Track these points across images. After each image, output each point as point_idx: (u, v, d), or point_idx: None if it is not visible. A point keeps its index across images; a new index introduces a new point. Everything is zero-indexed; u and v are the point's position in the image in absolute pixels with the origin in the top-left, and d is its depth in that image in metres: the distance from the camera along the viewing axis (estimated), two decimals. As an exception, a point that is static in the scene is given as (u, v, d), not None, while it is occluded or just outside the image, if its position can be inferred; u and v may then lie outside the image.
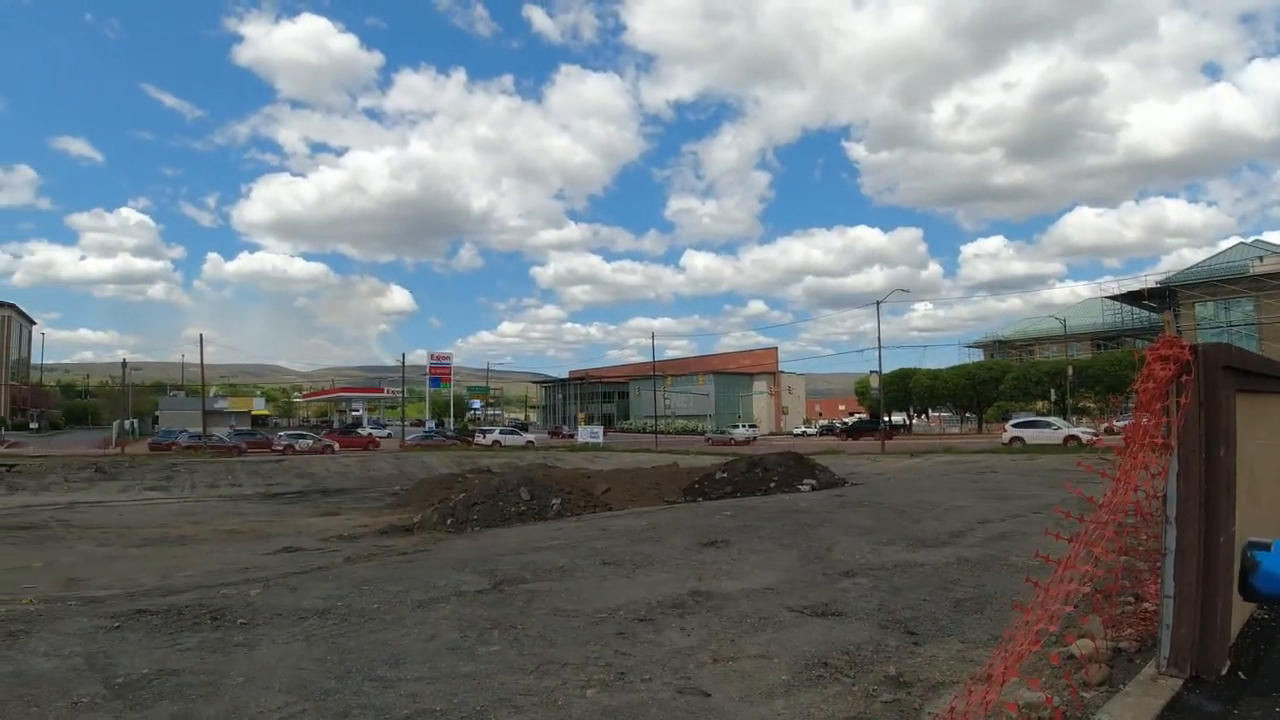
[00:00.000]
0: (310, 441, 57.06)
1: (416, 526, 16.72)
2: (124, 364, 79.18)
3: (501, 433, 69.38)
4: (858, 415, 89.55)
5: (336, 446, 57.15)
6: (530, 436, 70.52)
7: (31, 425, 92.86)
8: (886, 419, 70.02)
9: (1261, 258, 63.40)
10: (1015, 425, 45.42)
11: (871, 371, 65.76)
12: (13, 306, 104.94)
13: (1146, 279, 72.71)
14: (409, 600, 7.92)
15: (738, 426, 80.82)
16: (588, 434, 68.58)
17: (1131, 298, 73.43)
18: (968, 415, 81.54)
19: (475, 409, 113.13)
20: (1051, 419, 47.18)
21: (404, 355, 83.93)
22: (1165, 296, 68.95)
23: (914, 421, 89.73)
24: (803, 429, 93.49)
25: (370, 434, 74.16)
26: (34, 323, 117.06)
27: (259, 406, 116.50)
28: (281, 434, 62.04)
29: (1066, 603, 2.97)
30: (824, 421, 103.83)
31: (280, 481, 35.24)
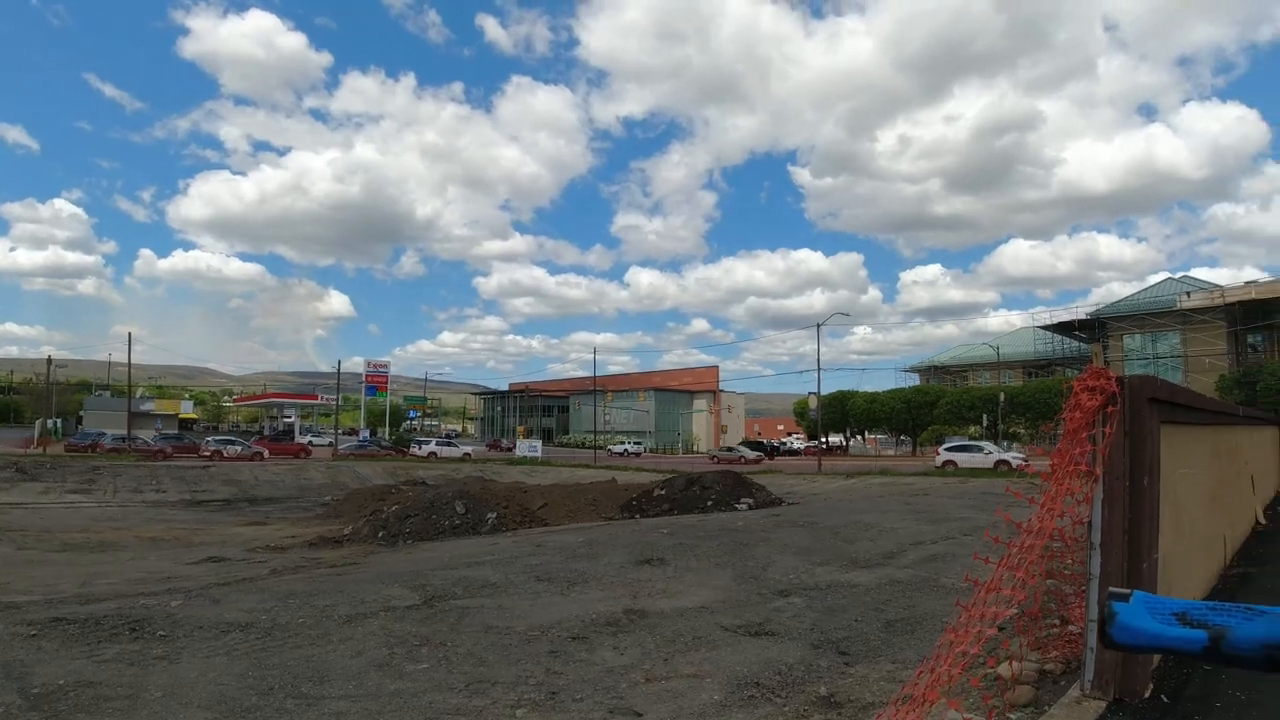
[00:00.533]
0: (239, 448, 55.44)
1: (347, 539, 16.37)
2: (49, 361, 76.26)
3: (438, 444, 68.47)
4: (747, 439, 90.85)
5: (266, 454, 55.67)
6: (468, 448, 69.65)
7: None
8: (824, 440, 70.96)
9: (1189, 293, 66.02)
10: (948, 449, 46.36)
11: (810, 393, 66.48)
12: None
13: (1077, 310, 75.24)
14: (336, 615, 7.74)
15: (733, 447, 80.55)
16: (526, 448, 67.93)
17: (1063, 328, 75.75)
18: (903, 438, 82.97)
19: (412, 419, 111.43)
20: (983, 444, 48.27)
21: (340, 362, 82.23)
22: (1095, 328, 71.31)
23: (851, 443, 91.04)
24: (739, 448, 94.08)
25: (303, 442, 72.54)
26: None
27: (187, 410, 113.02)
28: (210, 439, 60.14)
29: (989, 625, 3.01)
30: (762, 441, 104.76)
31: (207, 488, 34.28)
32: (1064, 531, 3.97)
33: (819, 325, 54.72)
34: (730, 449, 75.38)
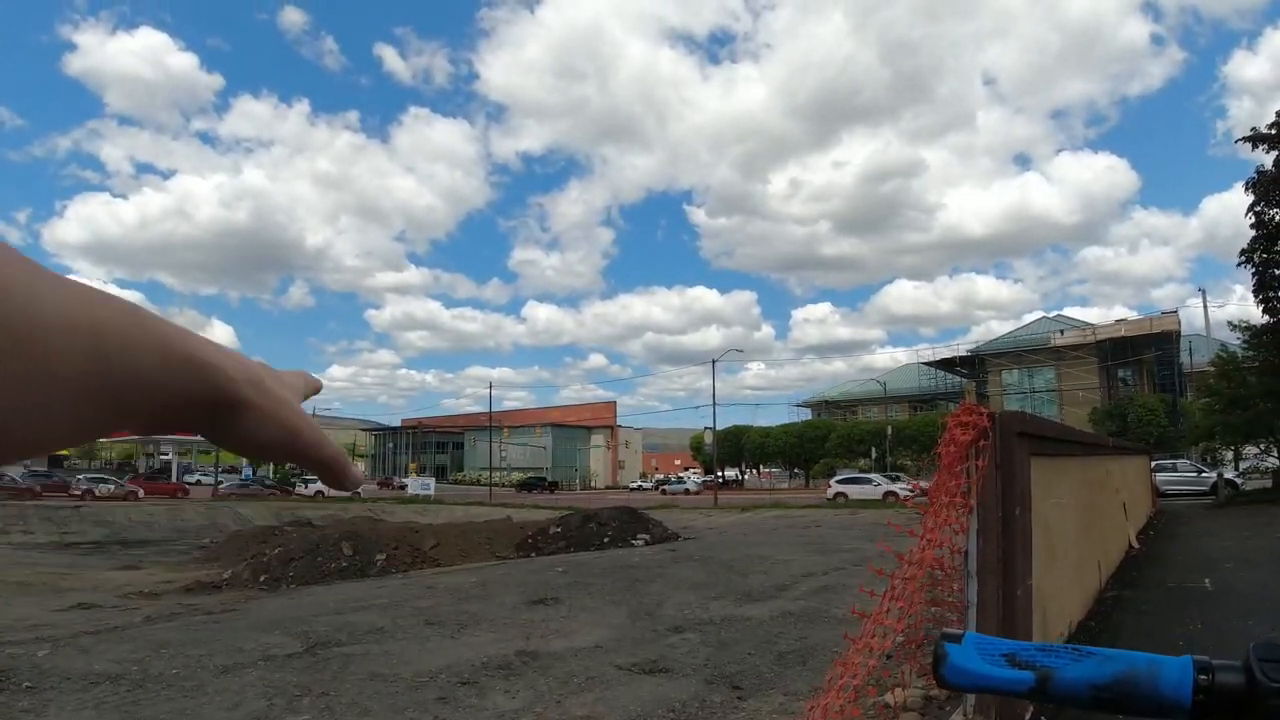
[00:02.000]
0: (112, 487, 52.22)
1: (226, 583, 15.55)
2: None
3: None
4: (531, 473, 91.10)
5: (141, 493, 52.52)
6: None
7: None
8: (720, 474, 71.82)
9: (1063, 331, 70.22)
10: (839, 481, 47.55)
11: (706, 428, 67.44)
12: None
13: (959, 347, 79.07)
14: (212, 665, 7.35)
15: (682, 476, 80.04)
16: (419, 485, 66.31)
17: (945, 364, 79.21)
18: (796, 471, 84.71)
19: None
20: (872, 476, 49.69)
21: (222, 398, 78.53)
22: (975, 364, 74.86)
23: (746, 477, 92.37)
24: (639, 484, 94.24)
25: (183, 480, 68.88)
26: None
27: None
28: (81, 477, 56.43)
29: (870, 656, 3.07)
30: (660, 476, 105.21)
31: (77, 530, 32.11)
32: (943, 561, 4.10)
33: (714, 361, 55.70)
34: (681, 478, 75.59)
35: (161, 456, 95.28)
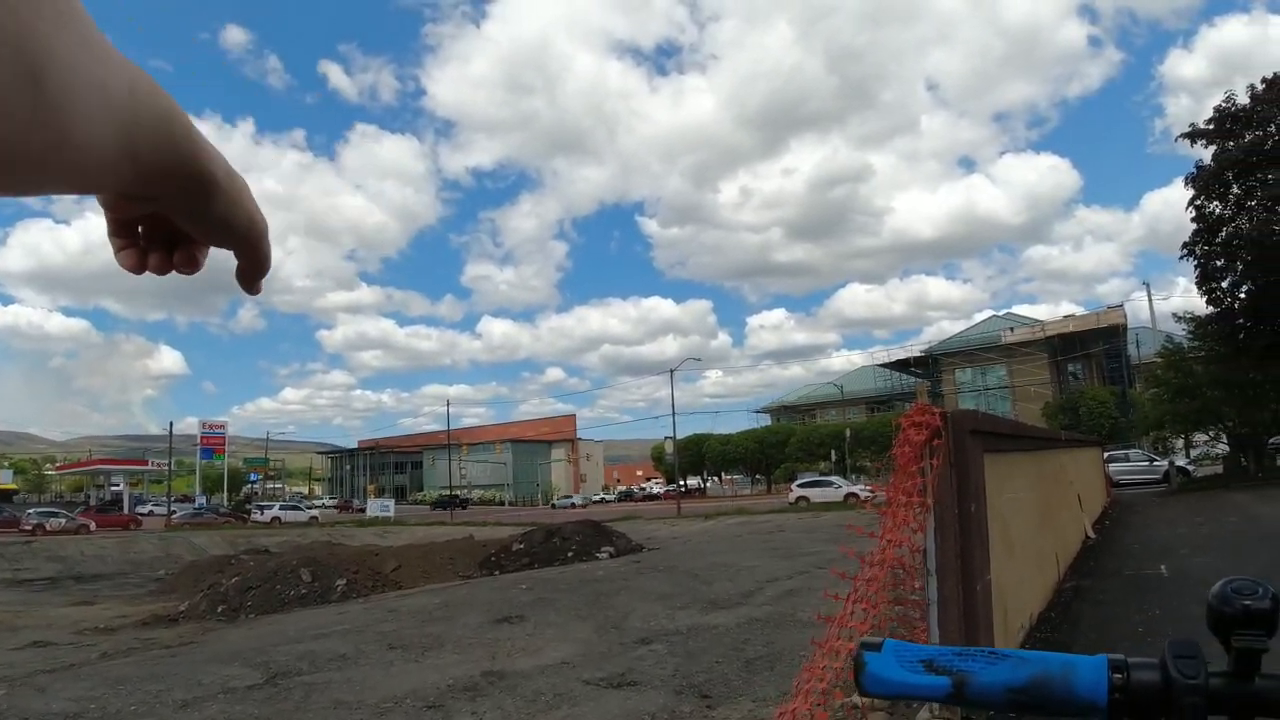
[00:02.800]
0: (63, 520, 50.73)
1: (183, 616, 15.19)
2: None
3: (282, 508, 64.77)
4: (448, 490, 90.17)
5: (93, 526, 51.12)
6: (314, 512, 66.20)
7: None
8: (682, 483, 71.96)
9: (1012, 329, 71.66)
10: (800, 485, 47.82)
11: (666, 437, 67.41)
12: None
13: (912, 348, 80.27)
14: (171, 700, 7.20)
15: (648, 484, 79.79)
16: (378, 507, 65.28)
17: (900, 365, 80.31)
18: (758, 477, 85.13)
19: (253, 482, 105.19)
20: (833, 478, 50.07)
21: (172, 424, 76.46)
22: (929, 364, 76.00)
23: (708, 484, 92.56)
24: (601, 495, 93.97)
25: (135, 511, 67.14)
26: None
27: (6, 480, 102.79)
28: (31, 511, 54.73)
29: (836, 659, 3.08)
30: (622, 488, 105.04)
31: (29, 566, 31.13)
32: (904, 560, 4.13)
33: (672, 371, 55.68)
34: (642, 487, 75.54)
35: (112, 488, 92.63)
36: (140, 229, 0.55)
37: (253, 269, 0.57)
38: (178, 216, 0.50)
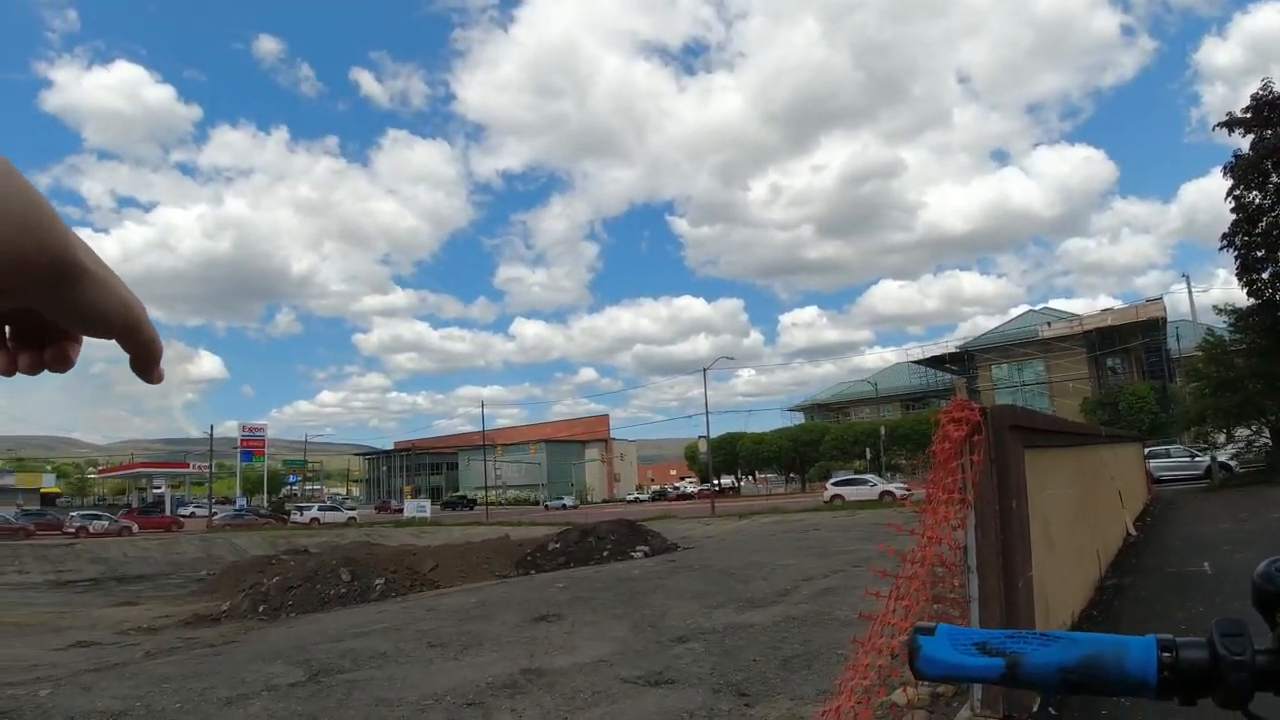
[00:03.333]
0: (106, 523, 51.94)
1: (225, 615, 15.47)
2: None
3: (320, 509, 65.68)
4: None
5: (135, 528, 52.22)
6: (352, 513, 67.07)
7: None
8: (716, 482, 71.88)
9: (1049, 323, 70.41)
10: (835, 483, 47.49)
11: (700, 437, 67.36)
12: None
13: (947, 344, 79.24)
14: (215, 698, 7.32)
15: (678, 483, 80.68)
16: (415, 508, 66.02)
17: (935, 362, 79.47)
18: (792, 475, 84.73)
19: (292, 484, 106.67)
20: (868, 476, 49.68)
21: (212, 427, 78.09)
22: (964, 360, 75.07)
23: (742, 483, 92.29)
24: (635, 495, 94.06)
25: (176, 513, 68.41)
26: None
27: (49, 483, 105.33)
28: (74, 514, 55.97)
29: (879, 656, 3.08)
30: (656, 487, 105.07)
31: (73, 568, 31.83)
32: (944, 557, 4.11)
33: (705, 370, 55.57)
34: (676, 487, 75.65)
35: (154, 491, 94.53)
36: (7, 328, 0.52)
37: (142, 356, 0.54)
38: (45, 309, 0.47)
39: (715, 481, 72.57)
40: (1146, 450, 26.62)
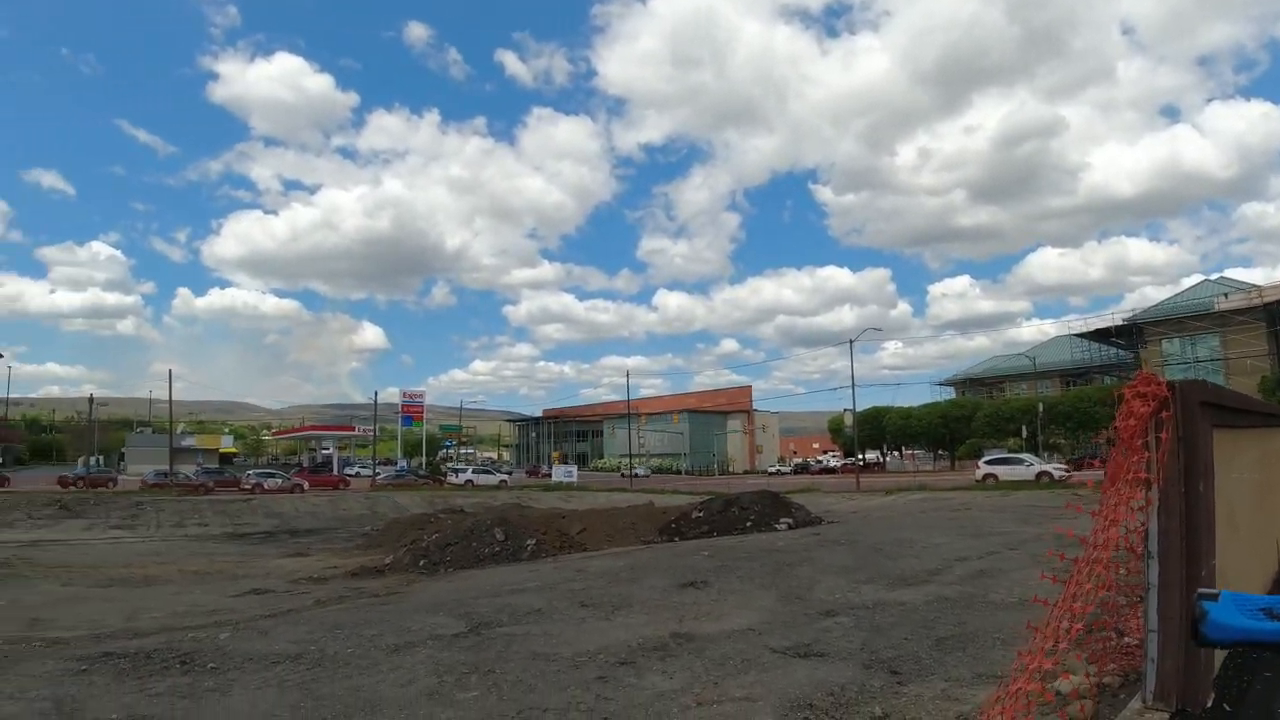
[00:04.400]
0: (279, 480, 56.18)
1: (388, 568, 16.42)
2: (90, 399, 77.75)
3: (474, 472, 68.72)
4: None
5: (306, 485, 56.36)
6: (504, 475, 69.84)
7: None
8: (860, 457, 70.42)
9: (1226, 294, 64.60)
10: (988, 462, 45.70)
11: (845, 409, 66.09)
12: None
13: (1113, 316, 73.94)
14: (383, 644, 7.77)
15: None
16: (562, 473, 68.15)
17: (1098, 335, 74.51)
18: (941, 452, 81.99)
19: (448, 448, 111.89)
20: (1024, 456, 47.49)
21: (376, 393, 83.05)
22: (1132, 333, 70.07)
23: (888, 459, 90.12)
24: (777, 468, 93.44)
25: (343, 473, 73.24)
26: (0, 355, 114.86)
27: (227, 444, 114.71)
28: (250, 473, 60.90)
29: (1060, 640, 2.97)
30: (798, 460, 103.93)
31: (248, 521, 34.52)
32: (1127, 540, 3.90)
33: (851, 342, 54.38)
34: (818, 460, 75.02)
35: (323, 452, 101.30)
36: None
37: None
38: None
39: (860, 456, 71.07)
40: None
